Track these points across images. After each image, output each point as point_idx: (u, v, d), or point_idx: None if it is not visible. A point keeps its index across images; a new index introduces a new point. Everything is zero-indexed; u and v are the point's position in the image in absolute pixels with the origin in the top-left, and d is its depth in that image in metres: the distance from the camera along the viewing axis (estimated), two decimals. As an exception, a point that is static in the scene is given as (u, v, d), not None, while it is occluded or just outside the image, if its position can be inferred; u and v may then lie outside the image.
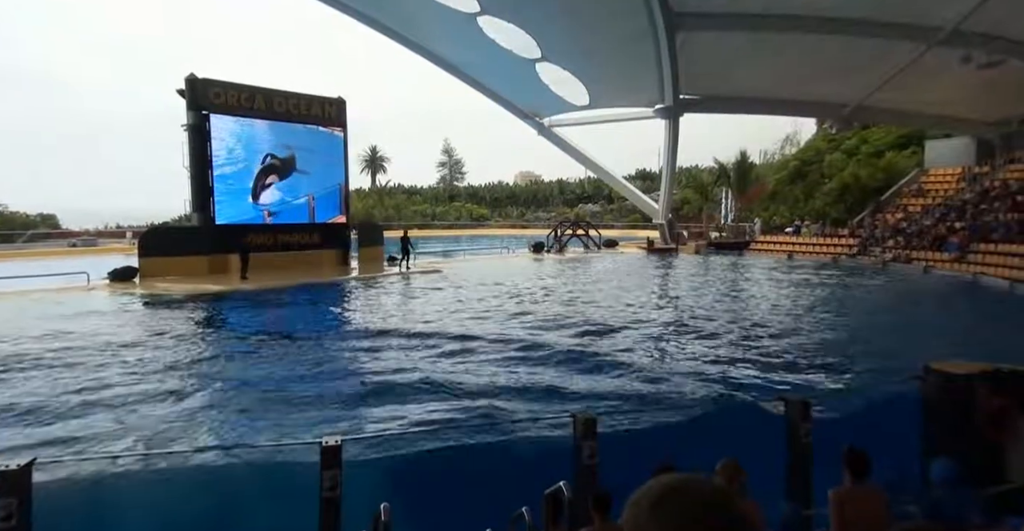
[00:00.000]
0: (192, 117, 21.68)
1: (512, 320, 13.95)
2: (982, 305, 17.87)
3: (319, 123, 24.86)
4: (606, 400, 8.26)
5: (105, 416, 7.48)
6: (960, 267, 22.28)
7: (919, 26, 22.19)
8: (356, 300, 18.30)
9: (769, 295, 18.59)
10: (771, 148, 53.67)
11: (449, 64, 33.96)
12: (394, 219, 52.69)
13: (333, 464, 4.96)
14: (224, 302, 16.85)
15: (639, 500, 0.94)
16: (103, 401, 8.04)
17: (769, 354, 10.85)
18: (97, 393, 8.36)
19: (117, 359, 10.23)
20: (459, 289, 19.33)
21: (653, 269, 26.88)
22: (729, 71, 28.67)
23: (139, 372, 9.51)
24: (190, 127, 21.72)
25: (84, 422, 7.25)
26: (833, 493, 3.91)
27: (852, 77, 26.85)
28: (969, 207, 26.02)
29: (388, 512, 3.52)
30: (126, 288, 18.73)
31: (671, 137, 32.92)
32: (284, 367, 9.99)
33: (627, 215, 54.79)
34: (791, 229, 34.84)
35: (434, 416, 7.61)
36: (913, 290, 20.70)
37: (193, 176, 21.92)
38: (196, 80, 21.66)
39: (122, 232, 42.37)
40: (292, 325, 13.79)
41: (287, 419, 7.49)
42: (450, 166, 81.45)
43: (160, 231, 26.60)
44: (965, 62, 22.47)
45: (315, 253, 24.50)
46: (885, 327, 14.06)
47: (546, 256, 32.62)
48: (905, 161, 35.13)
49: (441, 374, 9.44)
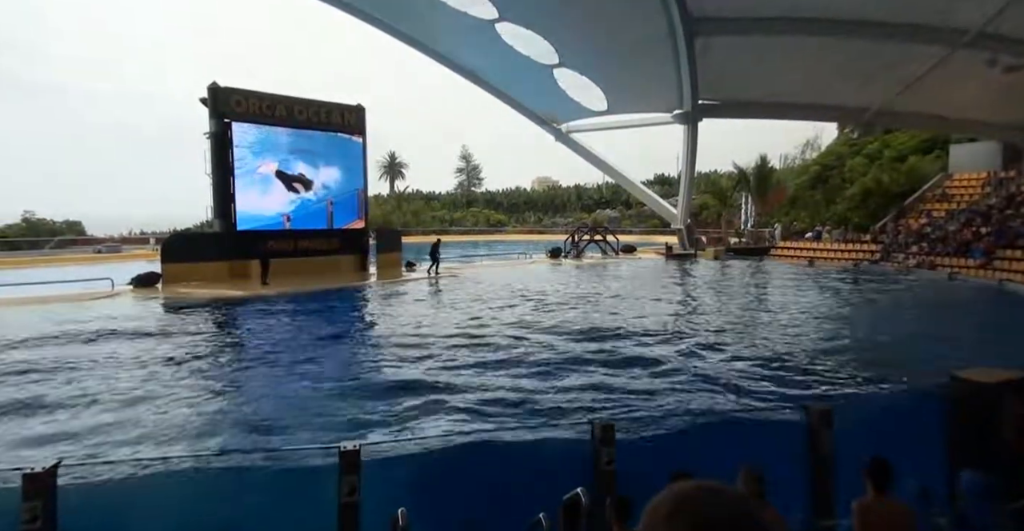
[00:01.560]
0: (214, 125, 22.03)
1: (530, 326, 13.93)
2: (1008, 312, 17.49)
3: (339, 130, 25.12)
4: (625, 405, 8.21)
5: (117, 417, 7.59)
6: (985, 273, 21.86)
7: (944, 28, 21.88)
8: (375, 305, 18.41)
9: (791, 302, 18.37)
10: (792, 153, 53.25)
11: (467, 70, 34.18)
12: (412, 225, 52.97)
13: (352, 469, 4.99)
14: (246, 307, 17.05)
15: (656, 508, 0.92)
16: (115, 404, 8.16)
17: (792, 362, 10.71)
18: (111, 397, 8.49)
19: (136, 363, 10.38)
20: (478, 294, 19.36)
21: (672, 275, 26.70)
22: (748, 76, 28.48)
23: (158, 378, 9.65)
24: (212, 135, 22.07)
25: (96, 424, 7.36)
26: (857, 504, 3.84)
27: (874, 81, 26.52)
28: (995, 212, 25.54)
29: (405, 517, 3.52)
30: (149, 293, 19.02)
31: (690, 142, 32.73)
32: (305, 371, 10.07)
33: (645, 220, 54.53)
34: (812, 234, 34.42)
35: (452, 421, 7.62)
36: (938, 297, 20.33)
37: (215, 183, 22.25)
38: (218, 88, 22.01)
39: (145, 238, 43.02)
40: (312, 330, 13.90)
41: (307, 423, 7.55)
42: (468, 172, 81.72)
43: (182, 237, 27.01)
44: (991, 65, 22.13)
45: (334, 258, 24.71)
46: (910, 335, 13.81)
47: (563, 262, 32.55)
48: (929, 165, 34.59)
49: (459, 379, 9.46)
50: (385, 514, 4.47)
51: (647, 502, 0.97)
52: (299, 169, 24.02)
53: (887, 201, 33.54)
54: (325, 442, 6.42)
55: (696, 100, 30.67)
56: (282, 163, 23.55)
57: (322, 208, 24.76)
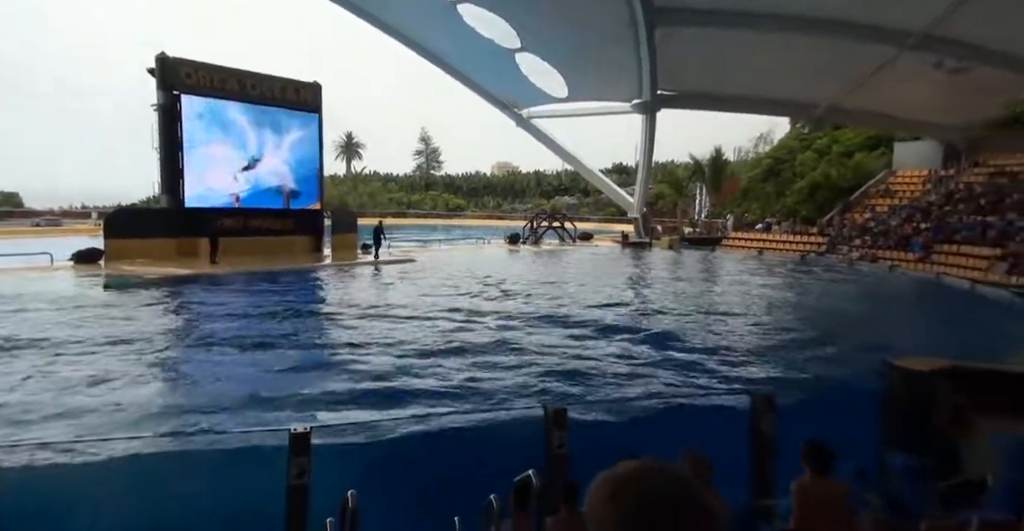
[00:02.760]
0: (162, 97, 21.15)
1: (483, 311, 13.93)
2: (944, 304, 18.37)
3: (294, 107, 24.44)
4: (576, 388, 8.31)
5: (52, 399, 7.30)
6: (924, 267, 22.86)
7: (892, 30, 22.59)
8: (328, 287, 18.11)
9: (739, 291, 18.87)
10: (746, 146, 54.41)
11: (426, 50, 33.62)
12: (369, 206, 52.21)
13: (302, 451, 4.92)
14: (193, 286, 16.54)
15: (597, 489, 0.91)
16: (51, 386, 7.84)
17: (735, 349, 11.02)
18: (48, 378, 8.15)
19: (72, 341, 9.98)
20: (432, 279, 19.24)
21: (627, 263, 27.07)
22: (706, 68, 28.89)
23: (95, 356, 9.29)
24: (160, 107, 21.20)
25: (29, 405, 7.06)
26: (795, 484, 3.99)
27: (825, 78, 27.27)
28: (934, 209, 26.69)
29: (355, 499, 3.49)
30: (90, 270, 18.27)
31: (648, 132, 33.10)
32: (253, 354, 9.85)
33: (603, 208, 55.06)
34: (762, 226, 35.35)
35: (404, 405, 7.58)
36: (878, 289, 21.18)
37: (162, 157, 21.42)
38: (167, 59, 21.11)
39: (87, 212, 41.33)
40: (262, 312, 13.58)
41: (254, 406, 7.39)
42: (427, 155, 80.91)
43: (127, 213, 25.99)
44: (936, 67, 23.00)
45: (287, 239, 24.16)
46: (848, 324, 14.36)
47: (522, 248, 32.63)
48: (874, 162, 35.84)
49: (413, 363, 9.41)
50: (335, 497, 4.43)
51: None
52: (251, 146, 23.32)
53: (834, 195, 34.68)
54: (274, 425, 6.32)
55: (655, 90, 30.98)
56: (233, 140, 22.81)
57: (275, 187, 24.14)
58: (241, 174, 23.08)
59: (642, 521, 0.85)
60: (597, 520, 0.89)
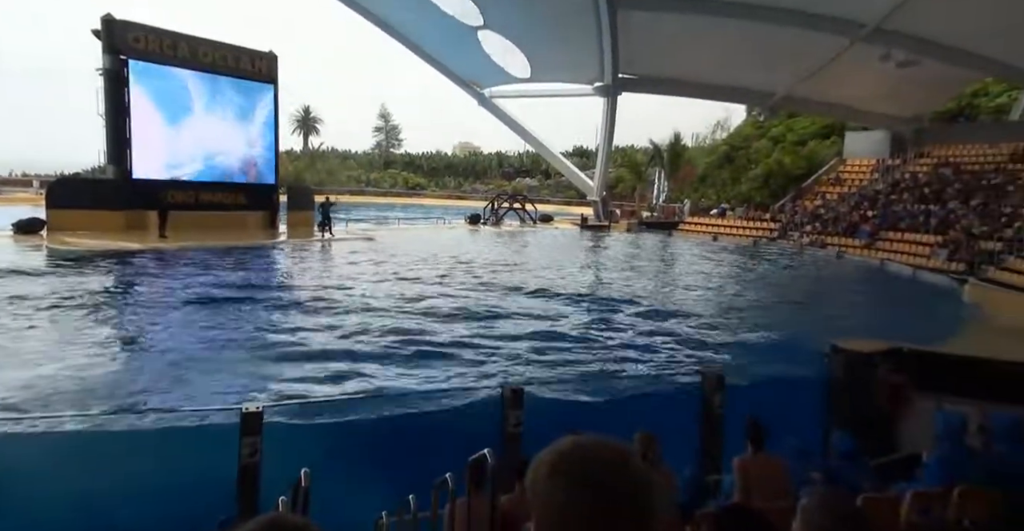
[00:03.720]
0: (108, 61, 20.17)
1: (438, 292, 13.88)
2: (887, 289, 19.12)
3: (248, 77, 23.63)
4: (535, 368, 8.39)
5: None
6: (869, 253, 23.69)
7: (845, 20, 23.10)
8: (283, 265, 17.75)
9: (693, 274, 19.27)
10: (703, 132, 55.11)
11: (385, 23, 32.71)
12: (327, 183, 51.10)
13: (254, 431, 4.84)
14: (139, 260, 15.98)
15: (537, 467, 0.92)
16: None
17: (686, 330, 11.27)
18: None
19: (9, 315, 9.56)
20: (387, 258, 19.04)
21: (586, 246, 27.31)
22: (666, 53, 29.06)
23: (36, 332, 8.93)
24: (106, 72, 20.21)
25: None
26: (738, 460, 4.13)
27: (781, 67, 27.75)
28: (881, 197, 27.62)
29: (308, 478, 3.46)
30: (31, 241, 17.49)
31: (608, 115, 33.22)
32: (196, 331, 9.60)
33: (564, 191, 55.22)
34: (717, 211, 36.03)
35: (360, 385, 7.52)
36: (826, 274, 21.91)
37: (108, 126, 20.49)
38: (113, 21, 20.09)
39: (28, 181, 39.50)
40: (212, 288, 13.22)
41: (199, 384, 7.23)
42: (386, 132, 79.50)
43: (71, 182, 24.83)
44: (884, 59, 23.63)
45: (241, 214, 23.51)
46: (796, 308, 14.84)
47: (482, 228, 32.54)
48: (826, 150, 36.81)
49: (370, 342, 9.33)
50: (289, 476, 4.38)
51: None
52: (202, 116, 22.49)
53: (787, 182, 35.56)
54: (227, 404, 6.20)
55: (616, 74, 31.04)
56: (184, 109, 21.95)
57: (227, 161, 23.39)
58: (192, 146, 22.26)
59: (582, 493, 0.87)
60: (540, 496, 0.90)
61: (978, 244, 19.58)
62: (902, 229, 23.82)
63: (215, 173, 22.96)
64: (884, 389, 6.26)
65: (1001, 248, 18.79)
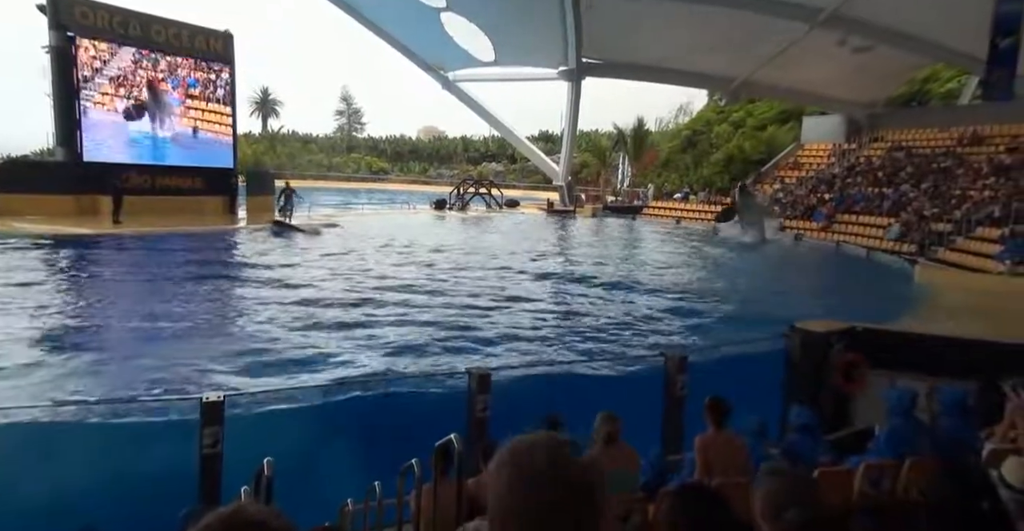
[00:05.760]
0: (55, 38, 19.28)
1: (404, 276, 13.79)
2: (842, 270, 19.69)
3: (203, 57, 22.88)
4: (499, 351, 8.42)
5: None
6: (826, 235, 24.32)
7: (803, 6, 23.45)
8: (241, 251, 17.38)
9: (657, 258, 19.52)
10: (666, 117, 55.58)
11: (346, 3, 31.94)
12: (287, 168, 50.00)
13: (214, 420, 4.76)
14: (91, 247, 15.47)
15: (492, 461, 0.99)
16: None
17: (651, 312, 11.44)
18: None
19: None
20: (356, 244, 18.82)
21: (552, 230, 27.41)
22: (629, 38, 29.08)
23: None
24: (52, 49, 19.32)
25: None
26: (699, 439, 4.24)
27: (741, 52, 28.04)
28: (837, 180, 28.30)
29: (271, 467, 3.42)
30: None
31: (573, 100, 33.19)
32: (159, 322, 9.36)
33: (529, 176, 55.10)
34: (680, 195, 36.47)
35: (326, 370, 7.45)
36: (785, 256, 22.44)
37: (57, 106, 19.65)
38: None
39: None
40: (168, 276, 12.88)
41: (157, 373, 7.07)
42: (349, 115, 78.10)
43: (17, 165, 23.74)
44: (840, 45, 24.11)
45: (198, 199, 22.83)
46: (759, 289, 15.18)
47: (448, 213, 32.35)
48: (784, 135, 37.47)
49: (334, 328, 9.23)
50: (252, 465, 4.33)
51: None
52: (155, 97, 21.73)
53: (747, 167, 36.12)
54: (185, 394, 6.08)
55: (580, 58, 30.98)
56: (134, 91, 21.18)
57: (184, 144, 22.69)
58: (147, 128, 21.53)
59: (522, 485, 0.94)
60: (489, 488, 0.98)
61: (929, 225, 20.24)
62: (857, 212, 24.46)
63: (171, 156, 22.25)
64: (840, 367, 6.46)
65: (951, 229, 19.45)
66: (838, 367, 6.47)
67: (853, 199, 25.52)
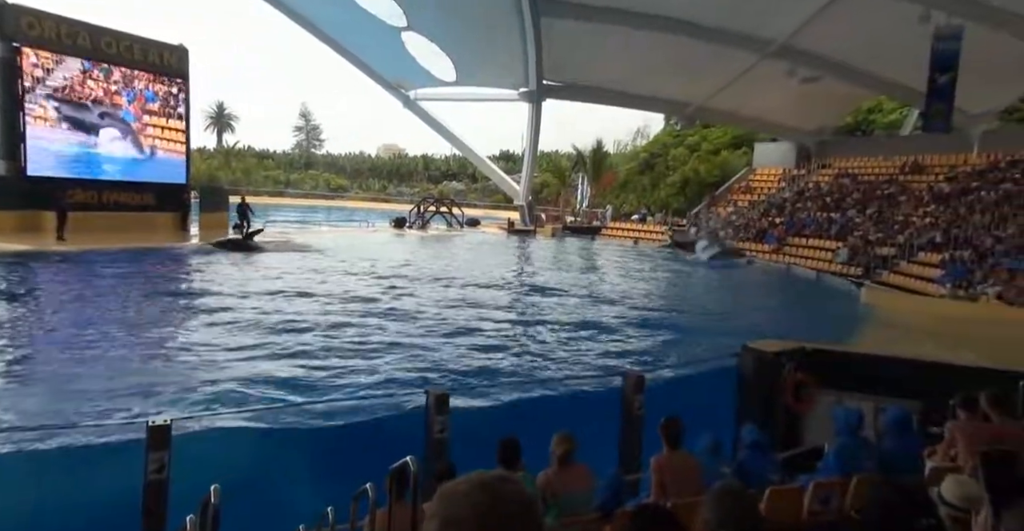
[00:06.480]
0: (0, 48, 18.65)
1: (362, 295, 13.63)
2: (792, 291, 20.27)
3: (156, 71, 22.42)
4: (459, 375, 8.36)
5: None
6: (777, 257, 25.04)
7: (755, 38, 24.43)
8: (193, 270, 16.89)
9: (614, 278, 19.77)
10: (624, 139, 56.68)
11: (304, 19, 31.76)
12: (243, 184, 49.05)
13: (161, 445, 4.58)
14: (33, 265, 14.83)
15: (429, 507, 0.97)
16: None
17: (608, 332, 11.55)
18: None
19: None
20: (310, 261, 18.51)
21: (512, 250, 27.52)
22: (589, 62, 29.73)
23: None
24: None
25: None
26: (654, 460, 4.28)
27: (696, 79, 28.96)
28: (788, 204, 29.26)
29: (218, 494, 3.30)
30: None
31: (534, 121, 33.64)
32: (102, 345, 9.01)
33: (491, 195, 55.33)
34: (638, 217, 37.13)
35: (274, 393, 7.27)
36: (737, 277, 22.99)
37: (0, 118, 18.92)
38: (4, 5, 18.63)
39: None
40: (114, 296, 12.43)
41: (98, 400, 6.78)
42: (307, 131, 77.35)
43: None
44: (790, 75, 25.17)
45: (148, 215, 22.20)
46: (712, 310, 15.49)
47: (408, 232, 32.16)
48: (737, 160, 38.65)
49: (288, 351, 9.03)
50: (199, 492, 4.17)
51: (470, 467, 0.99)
52: (104, 111, 21.14)
53: (702, 189, 37.09)
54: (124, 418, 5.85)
55: (541, 80, 31.48)
56: (83, 104, 20.57)
57: (134, 158, 22.09)
58: (94, 142, 20.88)
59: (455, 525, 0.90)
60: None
61: (874, 250, 21.05)
62: (807, 235, 25.29)
63: (120, 171, 21.61)
64: (790, 386, 6.62)
65: (895, 253, 20.27)
66: (789, 386, 6.63)
67: (803, 223, 26.39)
